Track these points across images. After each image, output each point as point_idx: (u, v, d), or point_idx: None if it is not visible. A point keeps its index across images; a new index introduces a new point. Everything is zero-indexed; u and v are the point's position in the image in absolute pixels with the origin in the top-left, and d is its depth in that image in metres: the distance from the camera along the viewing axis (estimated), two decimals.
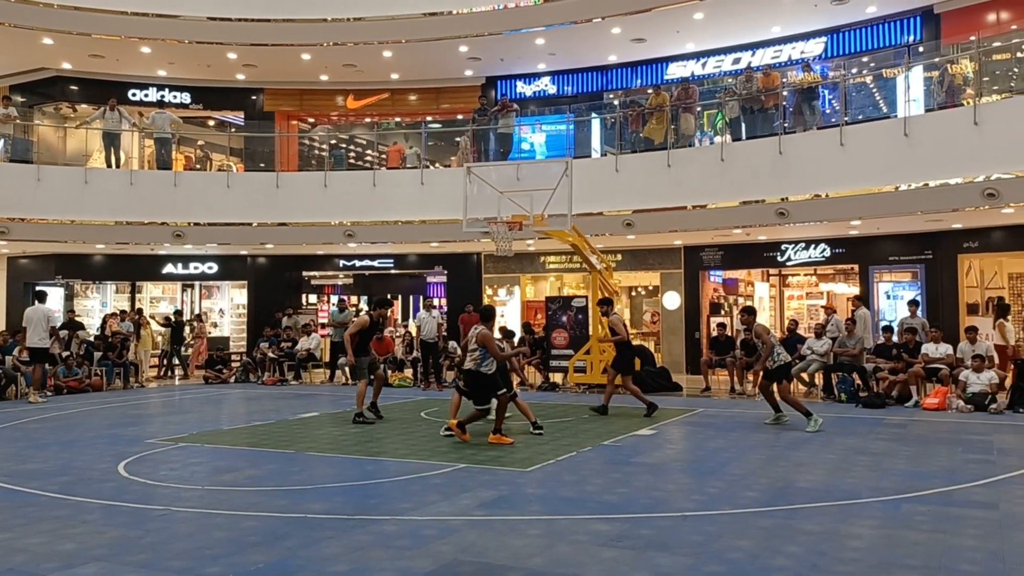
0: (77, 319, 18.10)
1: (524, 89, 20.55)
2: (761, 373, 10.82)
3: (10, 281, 20.49)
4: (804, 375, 14.20)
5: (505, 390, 9.44)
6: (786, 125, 15.06)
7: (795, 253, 17.56)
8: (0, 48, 17.99)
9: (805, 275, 19.76)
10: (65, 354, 15.94)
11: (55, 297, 20.28)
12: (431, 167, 18.77)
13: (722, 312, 18.78)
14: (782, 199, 14.32)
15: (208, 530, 5.58)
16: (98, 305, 20.94)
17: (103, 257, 19.96)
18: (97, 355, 16.42)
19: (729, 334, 15.67)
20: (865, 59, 16.98)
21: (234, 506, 6.24)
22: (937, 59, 14.97)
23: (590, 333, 15.23)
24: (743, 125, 15.72)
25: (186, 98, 20.47)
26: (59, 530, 5.62)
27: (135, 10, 16.89)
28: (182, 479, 7.34)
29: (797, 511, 6.01)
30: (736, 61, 18.35)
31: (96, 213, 16.87)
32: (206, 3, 17.27)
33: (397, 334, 19.07)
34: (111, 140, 17.58)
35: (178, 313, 19.47)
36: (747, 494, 6.58)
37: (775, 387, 10.43)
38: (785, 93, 15.41)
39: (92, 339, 17.08)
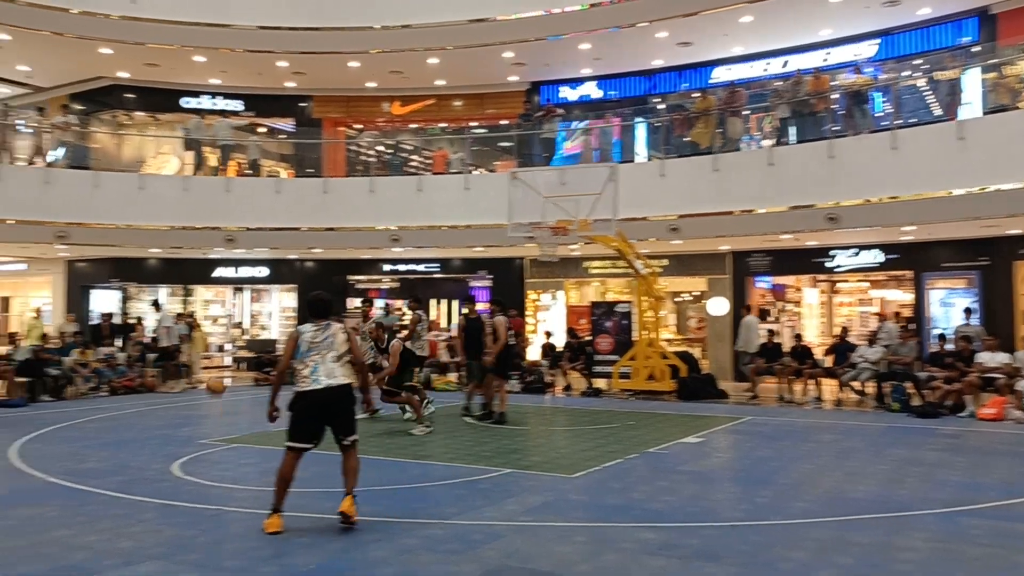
0: (131, 321, 18.61)
1: (569, 94, 20.52)
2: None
3: (69, 284, 21.09)
4: (855, 383, 13.94)
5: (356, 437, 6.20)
6: (836, 128, 14.82)
7: (846, 259, 17.26)
8: (61, 58, 18.58)
9: (856, 281, 19.38)
10: (121, 355, 16.42)
11: (112, 300, 20.84)
12: (475, 172, 18.85)
13: (770, 318, 18.53)
14: (832, 204, 14.10)
15: (260, 531, 5.69)
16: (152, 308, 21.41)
17: (157, 261, 20.46)
18: (151, 356, 16.82)
19: (778, 341, 15.45)
20: (918, 61, 16.62)
21: (284, 507, 6.33)
22: (994, 60, 14.60)
23: (634, 339, 15.17)
24: (792, 129, 15.50)
25: (238, 105, 20.88)
26: (117, 528, 5.78)
27: (189, 20, 17.31)
28: (234, 480, 7.49)
29: (849, 522, 5.92)
30: (785, 64, 18.10)
31: (151, 218, 17.29)
32: (257, 12, 17.62)
33: (441, 338, 19.17)
34: (192, 147, 18.34)
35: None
36: (797, 504, 6.49)
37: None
38: (835, 96, 15.16)
39: (148, 340, 17.52)
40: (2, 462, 8.44)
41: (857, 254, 17.13)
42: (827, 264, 17.58)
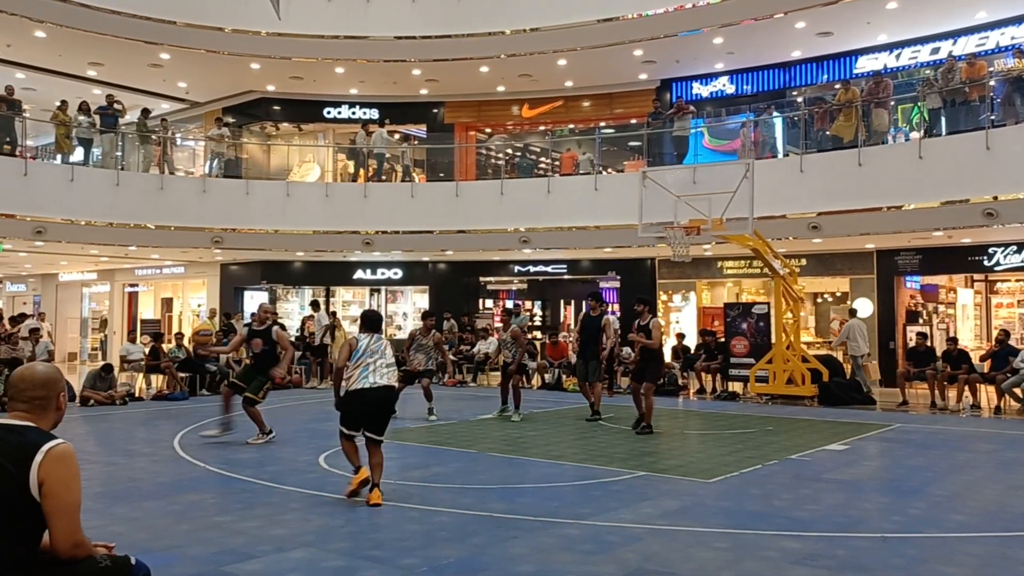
0: (280, 320, 19.66)
1: (700, 90, 20.08)
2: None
3: (222, 286, 22.56)
4: (1017, 390, 12.93)
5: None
6: (993, 118, 13.81)
7: (1005, 257, 16.04)
8: (217, 74, 19.90)
9: (1017, 281, 17.99)
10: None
11: (262, 300, 22.11)
12: (604, 173, 18.77)
13: (920, 320, 17.46)
14: (990, 198, 13.15)
15: (402, 523, 5.89)
16: (297, 308, 22.57)
17: (302, 263, 21.56)
18: (296, 354, 17.71)
19: (929, 344, 14.55)
20: None
21: (424, 501, 6.54)
22: None
23: (772, 341, 14.68)
24: (943, 119, 14.57)
25: (375, 114, 21.68)
26: (271, 516, 6.13)
27: (330, 33, 18.15)
28: None
29: (1014, 539, 5.51)
30: (935, 51, 17.02)
31: (296, 223, 18.26)
32: (393, 23, 18.23)
33: (570, 339, 19.19)
34: (353, 156, 19.79)
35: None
36: (954, 517, 6.10)
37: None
38: (993, 83, 14.14)
39: (293, 339, 18.46)
40: (168, 451, 9.14)
41: (1018, 251, 15.89)
42: (984, 263, 16.40)
